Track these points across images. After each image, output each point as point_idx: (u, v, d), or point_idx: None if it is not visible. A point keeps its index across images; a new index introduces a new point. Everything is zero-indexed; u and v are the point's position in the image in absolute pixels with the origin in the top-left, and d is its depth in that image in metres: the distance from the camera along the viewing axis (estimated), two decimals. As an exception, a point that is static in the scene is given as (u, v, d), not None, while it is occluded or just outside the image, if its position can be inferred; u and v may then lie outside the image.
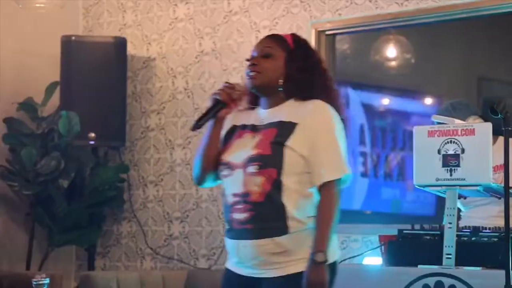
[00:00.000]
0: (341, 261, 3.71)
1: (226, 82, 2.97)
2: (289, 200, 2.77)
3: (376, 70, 5.75)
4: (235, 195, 2.83)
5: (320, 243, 2.72)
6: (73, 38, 5.94)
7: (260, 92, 2.94)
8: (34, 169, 5.68)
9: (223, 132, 2.97)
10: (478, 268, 3.09)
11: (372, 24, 5.33)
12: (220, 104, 2.92)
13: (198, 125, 2.90)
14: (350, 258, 3.63)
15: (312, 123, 2.82)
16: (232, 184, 2.85)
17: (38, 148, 5.76)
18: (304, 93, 2.89)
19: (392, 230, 3.46)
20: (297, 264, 2.76)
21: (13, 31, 6.02)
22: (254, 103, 2.99)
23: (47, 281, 2.93)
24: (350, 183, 2.90)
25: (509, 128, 2.95)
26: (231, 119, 2.99)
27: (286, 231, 2.76)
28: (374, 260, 3.59)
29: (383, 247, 3.43)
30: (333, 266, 2.81)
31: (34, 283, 2.92)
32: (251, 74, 2.90)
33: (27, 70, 6.04)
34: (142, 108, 6.13)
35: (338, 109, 2.90)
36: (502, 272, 2.81)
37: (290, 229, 2.76)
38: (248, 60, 2.96)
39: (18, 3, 5.62)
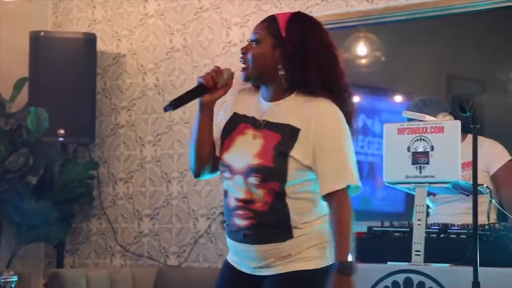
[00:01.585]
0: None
1: (216, 66, 2.74)
2: (293, 209, 2.65)
3: (346, 68, 5.75)
4: (237, 199, 2.69)
5: (341, 256, 2.59)
6: (42, 33, 5.90)
7: (256, 83, 2.73)
8: (2, 165, 5.63)
9: (223, 120, 2.78)
10: (447, 265, 3.11)
11: (342, 22, 5.34)
12: (202, 88, 2.69)
13: (171, 105, 2.67)
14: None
15: (316, 128, 2.62)
16: (234, 188, 2.70)
17: (6, 145, 5.71)
18: (301, 86, 2.67)
19: (361, 227, 3.46)
20: (297, 263, 2.67)
21: (-19, 26, 5.97)
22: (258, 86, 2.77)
23: (15, 278, 2.90)
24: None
25: (478, 126, 2.98)
26: (232, 104, 2.78)
27: (290, 237, 2.66)
28: (343, 257, 3.59)
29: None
30: (328, 268, 2.69)
31: (2, 280, 2.89)
32: (241, 65, 2.71)
33: (-5, 65, 6.00)
34: (112, 105, 6.10)
35: (349, 111, 2.70)
36: (470, 268, 2.83)
37: (294, 235, 2.66)
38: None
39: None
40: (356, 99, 5.82)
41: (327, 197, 2.64)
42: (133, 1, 6.06)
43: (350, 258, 2.62)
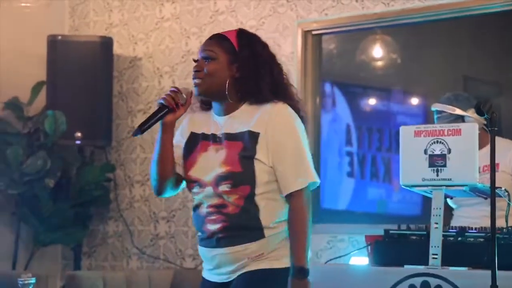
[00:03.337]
0: (327, 261, 3.73)
1: (172, 87, 2.87)
2: (263, 210, 2.75)
3: (362, 70, 5.76)
4: (209, 206, 2.79)
5: (299, 258, 2.70)
6: (59, 37, 5.93)
7: (209, 98, 2.86)
8: (20, 168, 5.66)
9: (182, 140, 2.90)
10: (464, 268, 3.10)
11: (359, 24, 5.35)
12: (165, 109, 2.81)
13: (139, 130, 2.79)
14: (336, 258, 3.62)
15: (273, 130, 2.74)
16: (205, 199, 2.81)
17: (24, 148, 5.75)
18: (254, 96, 2.80)
19: (378, 230, 3.46)
20: (267, 261, 2.76)
21: (-1, 30, 6.01)
22: (206, 106, 2.90)
23: (33, 280, 2.91)
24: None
25: (495, 128, 2.97)
26: (187, 125, 2.91)
27: (261, 236, 2.75)
28: (360, 260, 3.59)
29: (369, 247, 3.43)
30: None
31: (20, 282, 2.90)
32: (195, 81, 2.82)
33: (13, 69, 6.03)
34: (128, 108, 6.12)
35: (296, 107, 2.82)
36: (488, 272, 2.82)
37: (265, 234, 2.76)
38: (194, 61, 2.87)
39: (3, 2, 5.60)
40: (372, 101, 5.83)
41: (287, 197, 2.76)
42: (149, 4, 6.08)
43: (307, 257, 2.71)
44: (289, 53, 5.44)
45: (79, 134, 5.71)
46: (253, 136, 2.75)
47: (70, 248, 6.05)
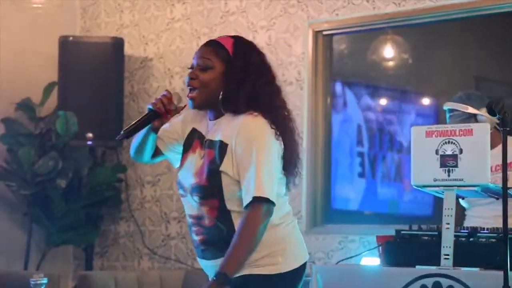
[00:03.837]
0: (339, 262, 3.73)
1: (166, 90, 2.86)
2: (238, 222, 2.70)
3: (373, 70, 5.75)
4: (190, 216, 2.80)
5: (227, 266, 2.64)
6: (71, 38, 5.95)
7: (203, 109, 2.83)
8: (32, 169, 5.68)
9: (179, 124, 2.89)
10: (476, 269, 3.09)
11: (369, 24, 5.34)
12: (153, 114, 2.81)
13: (125, 135, 2.79)
14: (347, 258, 3.62)
15: (236, 144, 2.68)
16: (186, 205, 2.82)
17: (36, 148, 5.77)
18: (230, 104, 2.74)
19: (389, 230, 3.46)
20: (249, 268, 2.72)
21: (11, 32, 6.03)
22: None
23: (45, 281, 2.93)
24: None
25: (507, 129, 2.96)
26: (192, 118, 2.89)
27: None
28: (371, 260, 3.59)
29: (380, 247, 3.43)
30: (293, 273, 2.76)
31: (32, 282, 2.92)
32: (190, 93, 2.79)
33: (25, 70, 6.05)
34: (139, 108, 6.13)
35: (277, 119, 2.75)
36: (500, 273, 2.82)
37: None
38: (190, 68, 2.84)
39: (15, 3, 5.63)
40: (383, 101, 5.82)
41: (245, 210, 2.68)
42: (160, 5, 6.09)
43: (236, 269, 2.64)
44: (300, 53, 5.44)
45: (90, 135, 5.73)
46: (222, 147, 2.72)
47: (81, 248, 6.07)
